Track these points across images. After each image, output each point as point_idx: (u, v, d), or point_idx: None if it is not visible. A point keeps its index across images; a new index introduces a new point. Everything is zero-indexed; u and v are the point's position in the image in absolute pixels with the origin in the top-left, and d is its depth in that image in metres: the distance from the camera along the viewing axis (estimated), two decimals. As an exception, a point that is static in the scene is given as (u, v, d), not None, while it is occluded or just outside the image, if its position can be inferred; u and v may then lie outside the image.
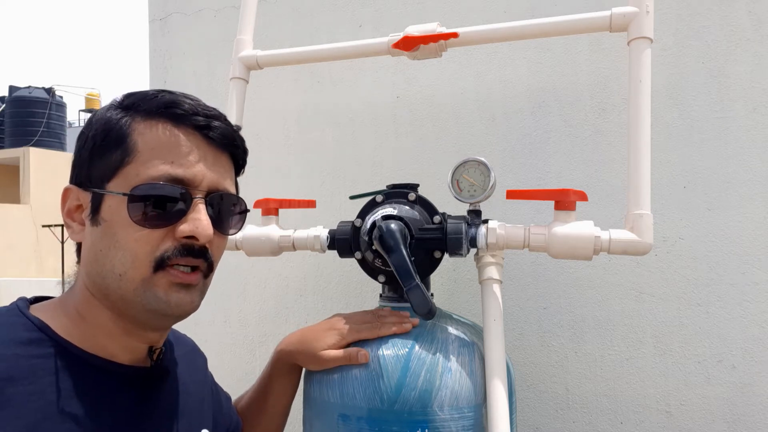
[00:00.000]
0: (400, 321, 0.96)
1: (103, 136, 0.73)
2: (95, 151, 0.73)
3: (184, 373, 0.88)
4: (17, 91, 13.16)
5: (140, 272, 0.71)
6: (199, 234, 0.72)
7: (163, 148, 0.72)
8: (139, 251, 0.71)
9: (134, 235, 0.70)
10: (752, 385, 1.16)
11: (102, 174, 0.72)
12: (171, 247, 0.71)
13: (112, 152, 0.72)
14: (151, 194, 0.70)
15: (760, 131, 1.16)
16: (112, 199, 0.71)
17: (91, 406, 0.70)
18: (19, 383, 0.65)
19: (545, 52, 1.30)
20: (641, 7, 0.97)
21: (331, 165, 1.48)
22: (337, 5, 1.48)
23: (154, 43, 1.71)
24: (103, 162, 0.72)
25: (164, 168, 0.71)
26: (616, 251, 0.95)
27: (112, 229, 0.71)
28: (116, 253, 0.71)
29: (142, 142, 0.72)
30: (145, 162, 0.71)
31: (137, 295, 0.71)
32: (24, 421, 0.64)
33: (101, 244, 0.72)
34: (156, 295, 0.72)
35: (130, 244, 0.70)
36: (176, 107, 0.73)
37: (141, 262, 0.71)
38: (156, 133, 0.72)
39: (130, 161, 0.71)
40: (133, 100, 0.75)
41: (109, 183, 0.72)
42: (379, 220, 0.95)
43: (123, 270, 0.71)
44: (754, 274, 1.16)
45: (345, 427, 0.91)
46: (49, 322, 0.72)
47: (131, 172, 0.71)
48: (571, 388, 1.27)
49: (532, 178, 1.30)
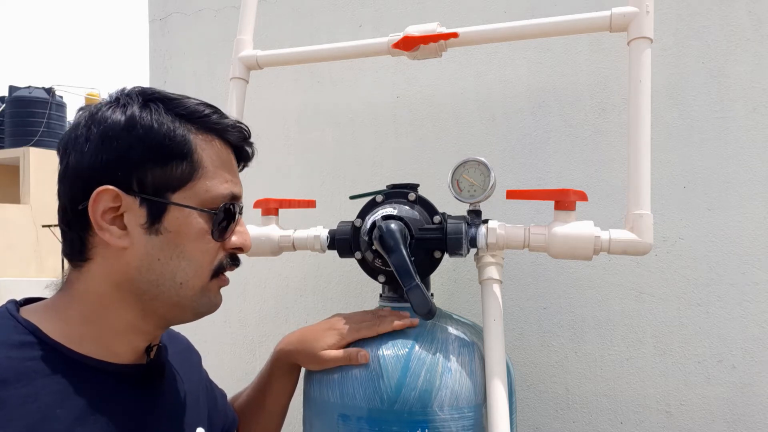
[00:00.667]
0: (398, 318, 0.96)
1: (161, 145, 0.72)
2: (150, 158, 0.72)
3: (179, 371, 0.88)
4: (17, 91, 13.15)
5: (201, 281, 0.76)
6: (246, 246, 0.81)
7: (223, 165, 0.77)
8: (204, 262, 0.76)
9: (203, 248, 0.75)
10: (752, 385, 1.16)
11: (164, 184, 0.73)
12: (224, 258, 0.79)
13: (177, 164, 0.73)
14: (224, 210, 0.76)
15: (760, 131, 1.16)
16: (179, 211, 0.73)
17: (87, 406, 0.70)
18: (13, 386, 0.65)
19: (545, 52, 1.30)
20: (641, 7, 0.97)
21: (331, 165, 1.48)
22: (337, 5, 1.48)
23: (154, 43, 1.71)
24: (165, 172, 0.72)
25: (227, 186, 0.77)
26: (616, 251, 0.95)
27: (178, 240, 0.73)
28: (179, 263, 0.74)
29: (206, 158, 0.75)
30: (212, 178, 0.75)
31: (194, 300, 0.76)
32: (19, 423, 0.64)
33: (161, 254, 0.73)
34: (210, 299, 0.79)
35: (197, 256, 0.75)
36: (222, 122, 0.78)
37: (203, 271, 0.76)
38: (216, 150, 0.77)
39: (199, 177, 0.74)
40: (185, 111, 0.75)
41: (174, 194, 0.73)
42: (379, 220, 0.95)
43: (185, 279, 0.75)
44: (754, 274, 1.16)
45: (345, 427, 0.91)
46: (41, 325, 0.71)
47: (201, 188, 0.74)
48: (571, 388, 1.27)
49: (532, 178, 1.30)
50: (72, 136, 0.74)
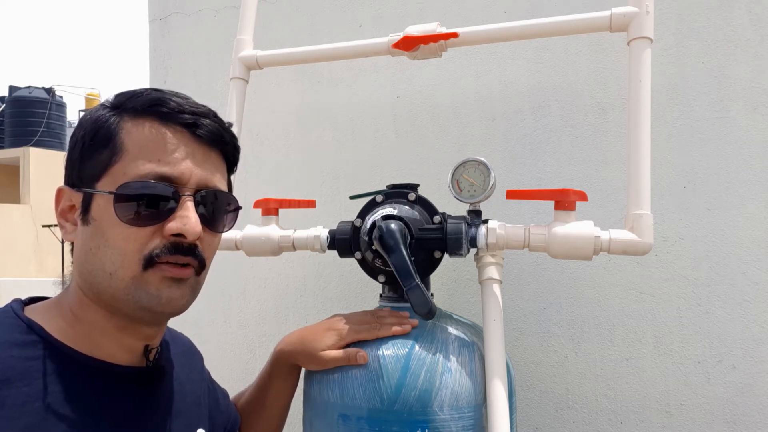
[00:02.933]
0: (399, 322, 0.96)
1: (91, 136, 0.73)
2: (85, 151, 0.74)
3: (181, 373, 0.88)
4: (17, 91, 13.15)
5: (130, 270, 0.71)
6: (187, 231, 0.72)
7: (149, 146, 0.72)
8: (128, 249, 0.71)
9: (123, 234, 0.71)
10: (752, 385, 1.16)
11: (91, 174, 0.73)
12: (160, 245, 0.71)
13: (101, 152, 0.72)
14: (137, 193, 0.70)
15: (760, 131, 1.16)
16: (100, 198, 0.72)
17: (87, 406, 0.70)
18: (14, 385, 0.65)
19: (545, 52, 1.30)
20: (641, 7, 0.97)
21: (331, 165, 1.48)
22: (337, 5, 1.48)
23: (154, 43, 1.71)
24: (93, 162, 0.73)
25: (151, 166, 0.71)
26: (616, 251, 0.95)
27: (101, 228, 0.71)
28: (105, 252, 0.71)
29: (129, 140, 0.72)
30: (132, 161, 0.71)
31: (128, 293, 0.71)
32: (19, 422, 0.64)
33: (91, 243, 0.72)
34: (148, 291, 0.72)
35: (119, 243, 0.71)
36: (162, 105, 0.73)
37: (130, 260, 0.71)
38: (143, 132, 0.72)
39: (118, 160, 0.72)
40: (121, 99, 0.75)
41: (98, 182, 0.72)
42: (379, 220, 0.95)
43: (113, 269, 0.71)
44: (754, 274, 1.16)
45: (345, 427, 0.91)
46: (44, 324, 0.72)
47: (119, 171, 0.71)
48: (571, 388, 1.27)
49: (532, 178, 1.30)
50: None
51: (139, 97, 0.74)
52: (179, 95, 0.76)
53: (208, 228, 0.76)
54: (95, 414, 0.70)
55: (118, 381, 0.75)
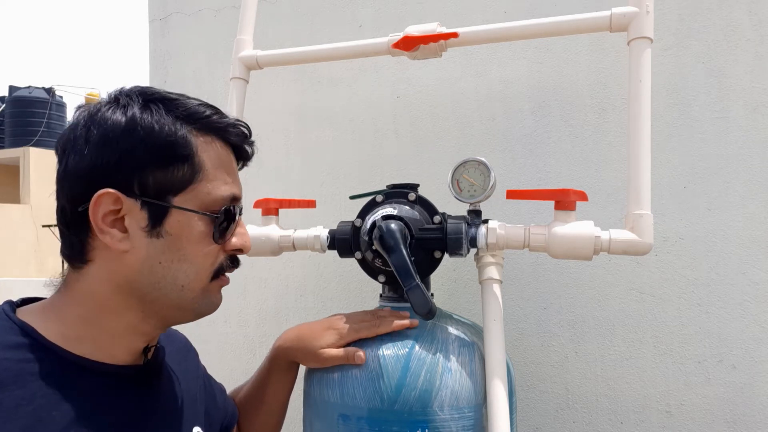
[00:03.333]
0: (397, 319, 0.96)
1: (162, 147, 0.71)
2: (151, 160, 0.71)
3: (177, 370, 0.88)
4: (17, 91, 13.13)
5: (201, 283, 0.76)
6: (246, 247, 0.80)
7: (223, 166, 0.77)
8: (205, 264, 0.76)
9: (204, 250, 0.75)
10: (752, 385, 1.16)
11: (166, 187, 0.72)
12: (224, 259, 0.78)
13: (178, 166, 0.72)
14: (224, 213, 0.76)
15: (760, 131, 1.16)
16: (181, 214, 0.72)
17: (82, 408, 0.69)
18: (8, 388, 0.65)
19: (545, 52, 1.30)
20: (641, 7, 0.97)
21: (331, 165, 1.48)
22: (337, 5, 1.48)
23: (154, 43, 1.71)
24: (167, 175, 0.72)
25: (228, 188, 0.76)
26: (616, 251, 0.95)
27: (180, 243, 0.73)
28: (181, 266, 0.73)
29: (207, 160, 0.74)
30: (212, 180, 0.75)
31: (195, 302, 0.76)
32: (14, 425, 0.63)
33: (163, 257, 0.72)
34: (210, 300, 0.79)
35: (198, 258, 0.75)
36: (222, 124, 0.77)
37: (204, 274, 0.76)
38: (216, 152, 0.76)
39: (200, 179, 0.74)
40: (185, 113, 0.74)
41: (176, 197, 0.72)
42: (379, 220, 0.95)
43: (186, 281, 0.74)
44: (754, 274, 1.16)
45: (345, 427, 0.91)
46: (37, 326, 0.71)
47: (202, 190, 0.74)
48: (571, 388, 1.27)
49: (532, 178, 1.30)
50: (71, 137, 0.73)
51: (203, 113, 0.75)
52: (218, 110, 0.78)
53: None
54: (90, 415, 0.70)
55: (114, 381, 0.74)
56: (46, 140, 12.49)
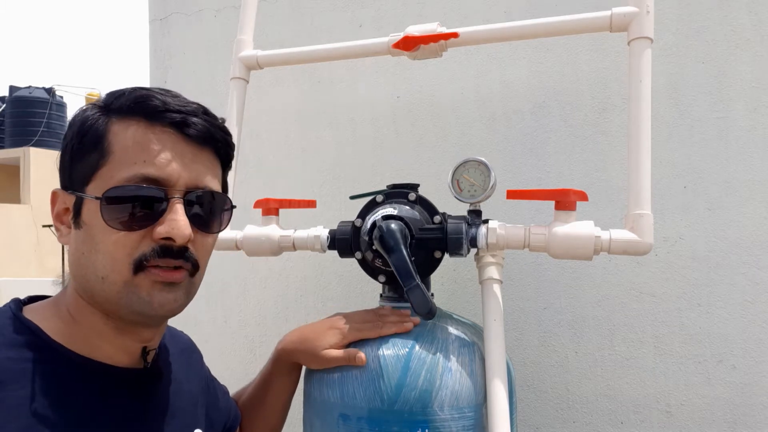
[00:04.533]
0: (401, 320, 0.96)
1: (80, 138, 0.72)
2: (74, 153, 0.73)
3: (179, 373, 0.87)
4: (17, 91, 13.13)
5: (121, 275, 0.70)
6: (175, 235, 0.70)
7: (136, 148, 0.70)
8: (118, 254, 0.70)
9: (112, 238, 0.70)
10: (752, 385, 1.16)
11: (82, 177, 0.72)
12: (149, 249, 0.70)
13: (90, 154, 0.71)
14: (124, 196, 0.69)
15: (761, 131, 1.16)
16: (90, 202, 0.71)
17: (83, 409, 0.69)
18: (11, 387, 0.65)
19: (545, 52, 1.30)
20: (641, 7, 0.97)
21: (331, 165, 1.48)
22: (337, 5, 1.48)
23: (154, 43, 1.71)
24: (82, 164, 0.72)
25: (137, 169, 0.70)
26: (616, 251, 0.95)
27: (91, 233, 0.71)
28: (96, 257, 0.71)
29: (116, 142, 0.71)
30: (119, 163, 0.70)
31: (121, 297, 0.71)
32: (15, 424, 0.64)
33: (83, 248, 0.72)
34: (139, 296, 0.71)
35: (109, 248, 0.70)
36: (148, 104, 0.72)
37: (120, 264, 0.70)
38: (129, 133, 0.71)
39: (105, 163, 0.70)
40: (109, 99, 0.74)
41: (88, 186, 0.71)
42: (380, 220, 0.95)
43: (104, 273, 0.71)
44: (754, 274, 1.16)
45: (345, 426, 0.91)
46: (42, 325, 0.71)
47: (106, 175, 0.70)
48: (571, 388, 1.27)
49: (532, 178, 1.30)
50: None
51: (125, 96, 0.72)
52: (168, 93, 0.74)
53: (199, 229, 0.75)
54: (91, 416, 0.70)
55: (115, 383, 0.74)
56: (46, 140, 12.49)
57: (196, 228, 0.74)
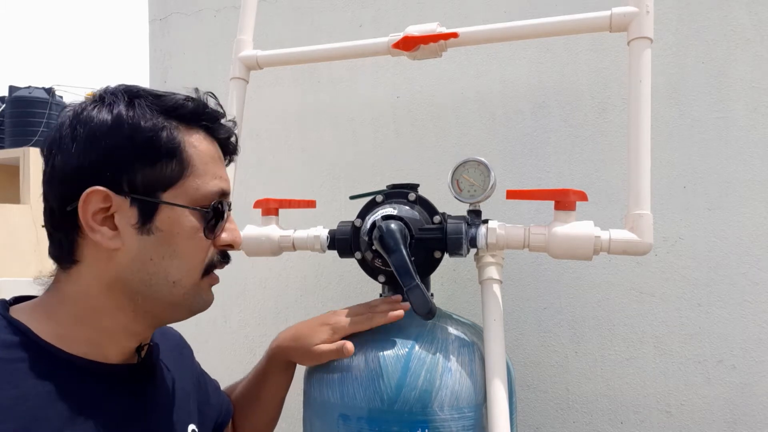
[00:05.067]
0: (392, 307, 0.96)
1: (149, 143, 0.71)
2: (138, 157, 0.71)
3: (171, 368, 0.88)
4: (17, 91, 13.12)
5: (193, 279, 0.76)
6: (236, 242, 0.80)
7: (211, 161, 0.77)
8: (196, 260, 0.76)
9: (196, 246, 0.75)
10: (752, 385, 1.16)
11: (154, 183, 0.72)
12: (215, 254, 0.79)
13: (166, 163, 0.72)
14: (215, 209, 0.76)
15: (761, 131, 1.16)
16: (171, 210, 0.72)
17: (76, 407, 0.69)
18: (3, 388, 0.64)
19: (545, 52, 1.30)
20: (641, 7, 0.97)
21: (331, 165, 1.48)
22: (337, 5, 1.48)
23: (154, 43, 1.71)
24: (155, 171, 0.72)
25: (217, 183, 0.77)
26: (616, 251, 0.95)
27: (171, 239, 0.73)
28: (172, 262, 0.73)
29: (195, 155, 0.75)
30: (201, 176, 0.75)
31: (187, 299, 0.76)
32: (9, 425, 0.63)
33: (154, 253, 0.72)
34: (202, 297, 0.79)
35: (189, 254, 0.75)
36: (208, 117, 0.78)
37: (196, 269, 0.76)
38: (203, 146, 0.76)
39: (189, 174, 0.74)
40: (171, 107, 0.74)
41: (165, 193, 0.72)
42: (379, 220, 0.95)
43: (178, 277, 0.74)
44: (754, 274, 1.16)
45: (345, 427, 0.91)
46: (31, 325, 0.71)
47: (191, 186, 0.74)
48: (571, 388, 1.27)
49: (532, 178, 1.30)
50: (57, 137, 0.72)
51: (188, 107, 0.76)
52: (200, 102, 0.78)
53: None
54: (85, 414, 0.70)
55: (108, 380, 0.74)
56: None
57: None
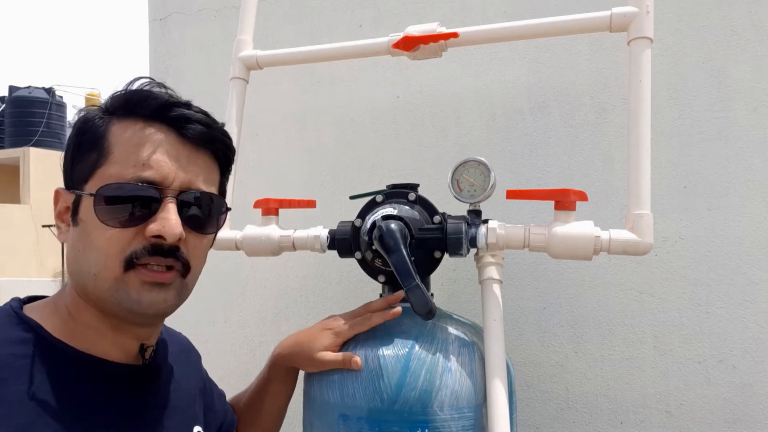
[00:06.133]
0: (387, 303, 0.97)
1: (80, 138, 0.74)
2: (75, 152, 0.75)
3: (177, 371, 0.88)
4: (17, 91, 13.13)
5: (111, 272, 0.71)
6: (166, 233, 0.71)
7: (134, 148, 0.72)
8: (110, 251, 0.71)
9: (105, 235, 0.71)
10: (752, 385, 1.16)
11: (81, 175, 0.74)
12: (140, 247, 0.71)
13: (90, 153, 0.73)
14: (117, 195, 0.71)
15: (761, 131, 1.16)
16: (86, 200, 0.72)
17: (82, 405, 0.70)
18: (11, 383, 0.66)
19: (545, 52, 1.30)
20: (641, 7, 0.97)
21: (331, 165, 1.48)
22: (337, 5, 1.48)
23: (154, 43, 1.71)
24: (82, 163, 0.74)
25: (133, 169, 0.71)
26: (616, 251, 0.95)
27: (86, 230, 0.72)
28: (90, 253, 0.72)
29: (115, 142, 0.73)
30: (117, 163, 0.72)
31: (111, 294, 0.72)
32: (16, 420, 0.64)
33: (79, 245, 0.73)
34: (128, 294, 0.72)
35: (102, 244, 0.71)
36: (147, 105, 0.74)
37: (111, 261, 0.71)
38: (128, 134, 0.73)
39: (104, 162, 0.72)
40: (110, 100, 0.76)
41: (86, 184, 0.73)
42: (379, 220, 0.95)
43: (97, 270, 0.72)
44: (754, 274, 1.16)
45: (345, 427, 0.91)
46: (42, 322, 0.72)
47: (104, 174, 0.72)
48: (571, 388, 1.27)
49: (532, 178, 1.30)
50: None
51: (126, 96, 0.75)
52: (169, 94, 0.76)
53: (193, 230, 0.76)
54: (90, 412, 0.71)
55: (115, 379, 0.75)
56: (46, 140, 12.49)
57: (189, 228, 0.75)
